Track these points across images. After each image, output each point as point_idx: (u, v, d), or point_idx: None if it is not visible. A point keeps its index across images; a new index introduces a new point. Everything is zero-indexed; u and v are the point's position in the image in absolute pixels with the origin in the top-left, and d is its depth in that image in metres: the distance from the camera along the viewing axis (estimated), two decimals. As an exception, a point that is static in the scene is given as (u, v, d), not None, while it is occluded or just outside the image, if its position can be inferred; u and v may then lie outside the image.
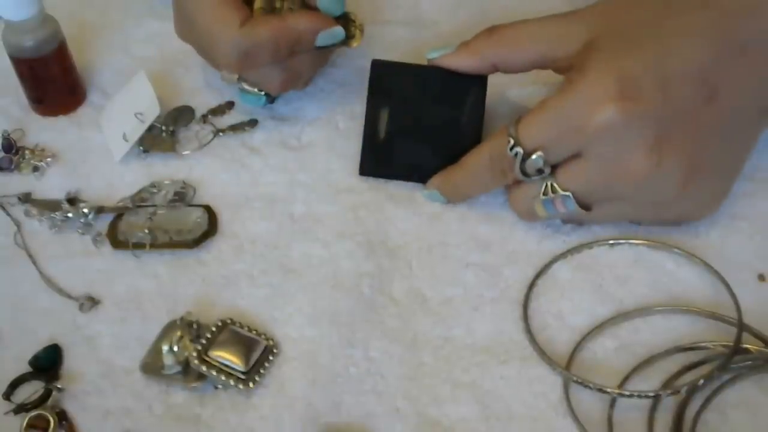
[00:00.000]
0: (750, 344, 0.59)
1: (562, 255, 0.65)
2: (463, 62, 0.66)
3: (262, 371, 0.61)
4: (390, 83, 0.69)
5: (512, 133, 0.61)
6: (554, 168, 0.61)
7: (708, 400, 0.58)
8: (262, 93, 0.72)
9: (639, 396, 0.57)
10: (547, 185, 0.61)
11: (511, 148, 0.60)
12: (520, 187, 0.64)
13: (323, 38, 0.69)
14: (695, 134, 0.59)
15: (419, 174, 0.68)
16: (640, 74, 0.58)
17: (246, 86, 0.71)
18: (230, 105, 0.76)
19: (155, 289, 0.65)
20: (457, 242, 0.66)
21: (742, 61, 0.59)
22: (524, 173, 0.61)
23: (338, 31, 0.69)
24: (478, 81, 0.67)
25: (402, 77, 0.69)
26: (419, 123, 0.68)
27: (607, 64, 0.59)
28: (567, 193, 0.61)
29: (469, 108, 0.67)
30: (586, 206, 0.62)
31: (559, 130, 0.59)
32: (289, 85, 0.72)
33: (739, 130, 0.62)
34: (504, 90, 0.74)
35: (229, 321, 0.62)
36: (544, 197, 0.62)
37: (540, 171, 0.61)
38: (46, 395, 0.60)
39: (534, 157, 0.60)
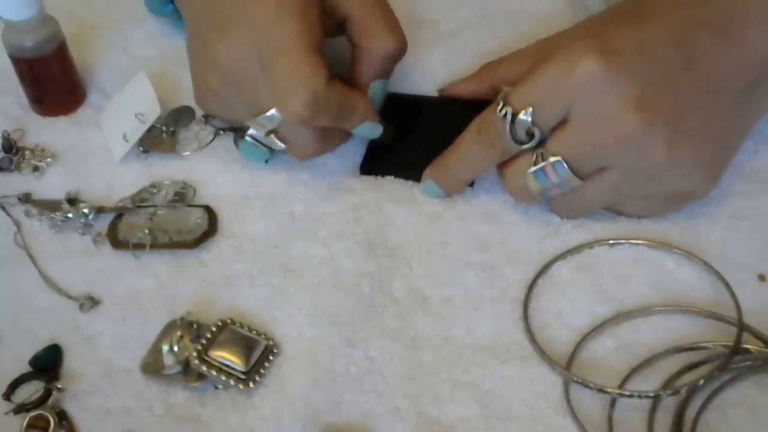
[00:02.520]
0: (750, 344, 0.59)
1: (562, 255, 0.65)
2: (466, 86, 0.72)
3: (262, 371, 0.61)
4: (400, 111, 0.71)
5: (501, 98, 0.62)
6: (543, 142, 0.62)
7: (708, 400, 0.58)
8: (267, 150, 0.69)
9: (639, 396, 0.57)
10: (537, 155, 0.62)
11: (501, 110, 0.61)
12: (512, 163, 0.64)
13: (364, 129, 0.67)
14: (678, 97, 0.60)
15: (419, 175, 0.69)
16: (618, 36, 0.60)
17: (260, 139, 0.68)
18: (230, 105, 0.76)
19: (155, 289, 0.65)
20: (457, 242, 0.66)
21: (724, 41, 0.61)
22: (514, 138, 0.61)
23: (379, 128, 0.68)
24: (483, 108, 0.70)
25: (412, 107, 0.73)
26: (424, 139, 0.71)
27: (586, 32, 0.63)
28: (557, 158, 0.61)
29: None
30: (578, 174, 0.62)
31: (545, 88, 0.61)
32: (315, 155, 0.69)
33: (724, 105, 0.62)
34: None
35: (229, 321, 0.62)
36: (535, 167, 0.62)
37: (530, 135, 0.61)
38: (46, 395, 0.60)
39: (522, 116, 0.61)
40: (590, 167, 0.62)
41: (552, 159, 0.61)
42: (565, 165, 0.61)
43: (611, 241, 0.65)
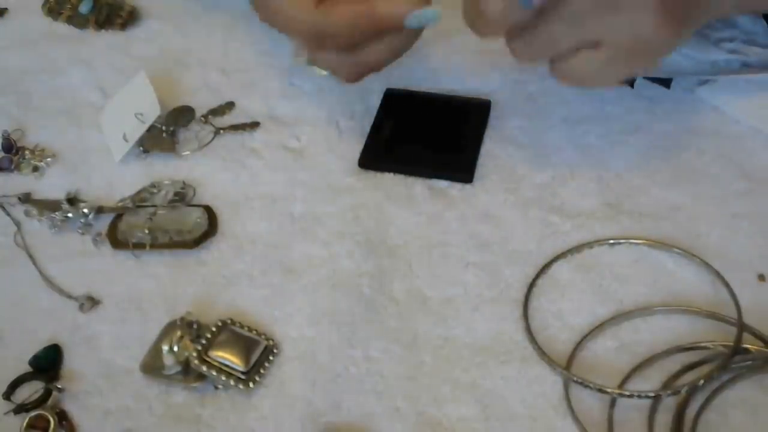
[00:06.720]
0: (750, 344, 0.59)
1: (562, 255, 0.65)
2: None
3: (262, 371, 0.61)
4: (399, 106, 0.73)
5: None
6: None
7: (708, 400, 0.57)
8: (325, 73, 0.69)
9: (639, 396, 0.57)
10: None
11: None
12: None
13: (413, 20, 0.63)
14: None
15: (417, 170, 0.69)
16: None
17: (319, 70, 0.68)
18: (230, 105, 0.76)
19: (155, 289, 0.65)
20: (457, 242, 0.66)
21: None
22: None
23: (431, 13, 0.63)
24: (482, 107, 0.72)
25: (411, 103, 0.74)
26: (422, 135, 0.72)
27: None
28: None
29: (471, 126, 0.71)
30: None
31: None
32: (359, 78, 0.68)
33: None
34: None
35: (229, 321, 0.62)
36: None
37: None
38: (46, 395, 0.60)
39: None
40: None
41: None
42: None
43: (611, 241, 0.65)
